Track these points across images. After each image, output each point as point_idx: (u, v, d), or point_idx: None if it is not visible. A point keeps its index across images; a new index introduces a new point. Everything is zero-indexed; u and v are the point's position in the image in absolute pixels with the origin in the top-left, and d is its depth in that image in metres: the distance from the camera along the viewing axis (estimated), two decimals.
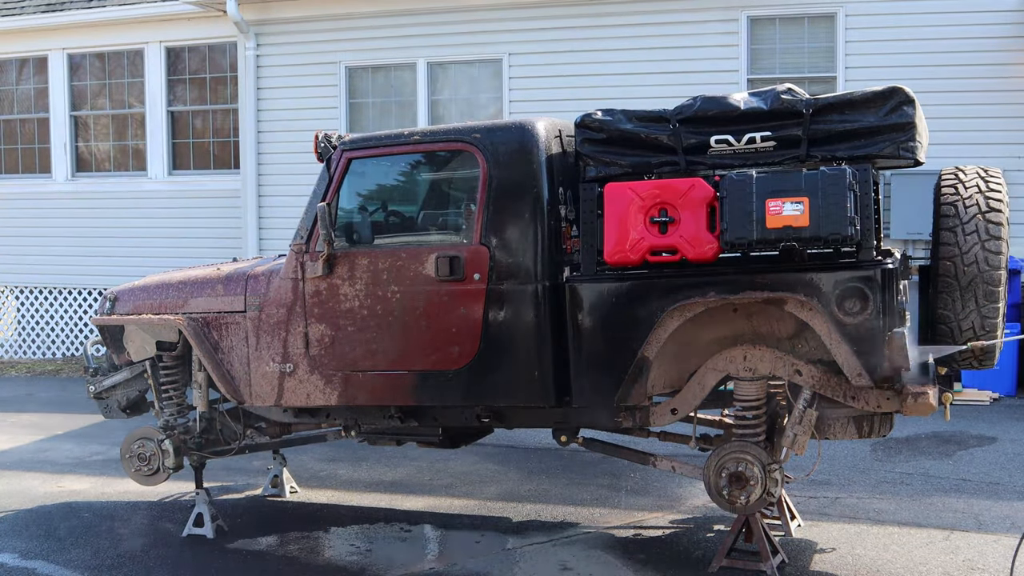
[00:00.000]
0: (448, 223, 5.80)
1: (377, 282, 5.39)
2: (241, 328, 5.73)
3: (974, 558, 5.30)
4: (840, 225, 4.55)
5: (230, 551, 5.83)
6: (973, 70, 9.70)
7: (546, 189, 5.12)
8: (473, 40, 11.17)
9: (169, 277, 6.17)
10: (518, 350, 5.14)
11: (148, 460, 6.10)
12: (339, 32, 11.64)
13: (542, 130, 5.19)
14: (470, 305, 5.20)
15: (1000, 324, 4.88)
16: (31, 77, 13.65)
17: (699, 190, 4.77)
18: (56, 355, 13.45)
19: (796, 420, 4.90)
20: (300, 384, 5.61)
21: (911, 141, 4.72)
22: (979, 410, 8.73)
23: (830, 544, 5.57)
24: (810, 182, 4.60)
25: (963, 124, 9.54)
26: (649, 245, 4.84)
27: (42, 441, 8.83)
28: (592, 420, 5.42)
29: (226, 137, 12.79)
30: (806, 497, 6.33)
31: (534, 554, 5.59)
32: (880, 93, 4.76)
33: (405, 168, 5.91)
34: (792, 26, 10.37)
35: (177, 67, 12.87)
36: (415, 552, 5.75)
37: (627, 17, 10.65)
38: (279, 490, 6.87)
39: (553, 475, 7.08)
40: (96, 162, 13.46)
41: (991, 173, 5.05)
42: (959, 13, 9.79)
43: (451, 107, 11.46)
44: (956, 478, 6.76)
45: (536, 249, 5.11)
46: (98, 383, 6.36)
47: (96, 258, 12.96)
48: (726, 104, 4.91)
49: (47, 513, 6.67)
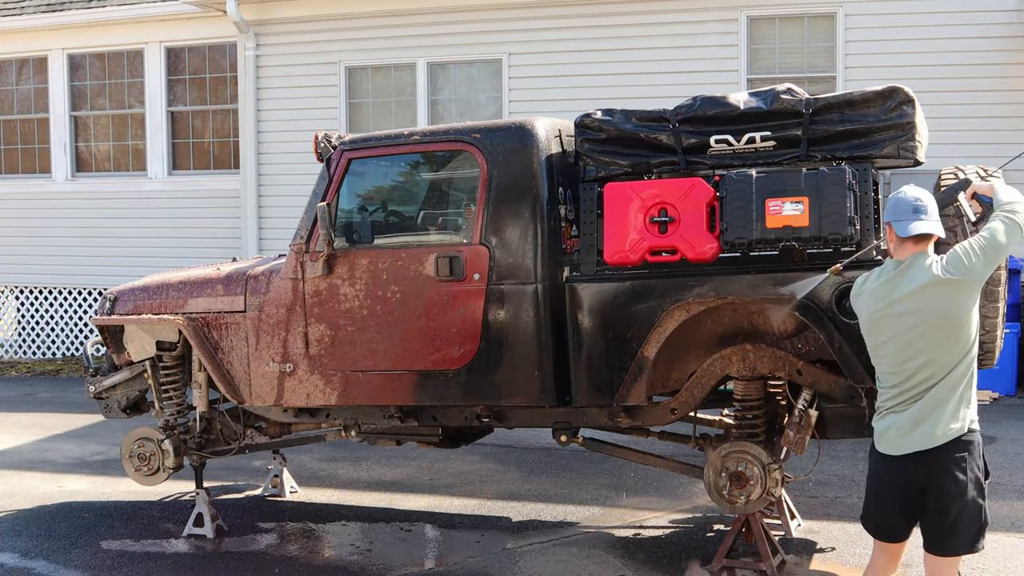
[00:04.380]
0: (448, 223, 5.80)
1: (377, 282, 5.39)
2: (241, 328, 5.73)
3: (974, 557, 5.29)
4: (840, 225, 4.55)
5: (230, 551, 5.83)
6: (973, 70, 9.70)
7: (546, 189, 5.12)
8: (473, 40, 11.17)
9: (169, 277, 6.17)
10: (518, 350, 5.14)
11: (148, 460, 6.11)
12: (339, 32, 11.64)
13: (542, 130, 5.19)
14: (470, 305, 5.20)
15: (1000, 323, 4.88)
16: (31, 77, 13.65)
17: (699, 190, 4.77)
18: (56, 355, 13.45)
19: (796, 420, 4.89)
20: (300, 384, 5.61)
21: (911, 141, 4.73)
22: (979, 410, 8.71)
23: (830, 544, 5.57)
24: (810, 182, 4.60)
25: (963, 124, 9.54)
26: (649, 245, 4.84)
27: (42, 441, 8.84)
28: (592, 420, 5.42)
29: (226, 137, 12.79)
30: (806, 497, 6.33)
31: (534, 554, 5.60)
32: (880, 93, 4.76)
33: (405, 168, 5.91)
34: (792, 26, 10.37)
35: (177, 67, 12.87)
36: (415, 552, 5.75)
37: (627, 17, 10.65)
38: (279, 490, 6.87)
39: (553, 475, 7.08)
40: (96, 162, 13.46)
41: (991, 173, 5.04)
42: (959, 13, 9.79)
43: (451, 107, 11.46)
44: None
45: (536, 249, 5.10)
46: (98, 383, 6.36)
47: (96, 258, 12.95)
48: (726, 104, 4.91)
49: (47, 513, 6.67)
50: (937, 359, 3.65)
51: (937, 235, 3.72)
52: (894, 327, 3.70)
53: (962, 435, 3.67)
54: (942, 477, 3.64)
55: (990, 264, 3.64)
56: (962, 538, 3.69)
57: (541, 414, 5.44)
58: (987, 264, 3.63)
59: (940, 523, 3.68)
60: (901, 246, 3.73)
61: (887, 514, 3.82)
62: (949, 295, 3.62)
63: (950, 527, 3.67)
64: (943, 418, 3.66)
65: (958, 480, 3.64)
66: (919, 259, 3.69)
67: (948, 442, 3.65)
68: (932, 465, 3.66)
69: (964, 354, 3.66)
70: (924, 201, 3.73)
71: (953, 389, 3.67)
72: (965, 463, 3.65)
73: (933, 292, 3.63)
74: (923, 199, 3.73)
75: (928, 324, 3.63)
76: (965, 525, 3.66)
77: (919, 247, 3.71)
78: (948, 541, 3.70)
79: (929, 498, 3.68)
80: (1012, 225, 3.68)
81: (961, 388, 3.68)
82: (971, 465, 3.66)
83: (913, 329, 3.65)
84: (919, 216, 3.69)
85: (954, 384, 3.67)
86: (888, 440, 3.74)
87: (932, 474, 3.66)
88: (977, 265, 3.62)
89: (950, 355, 3.65)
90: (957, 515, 3.65)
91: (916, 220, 3.69)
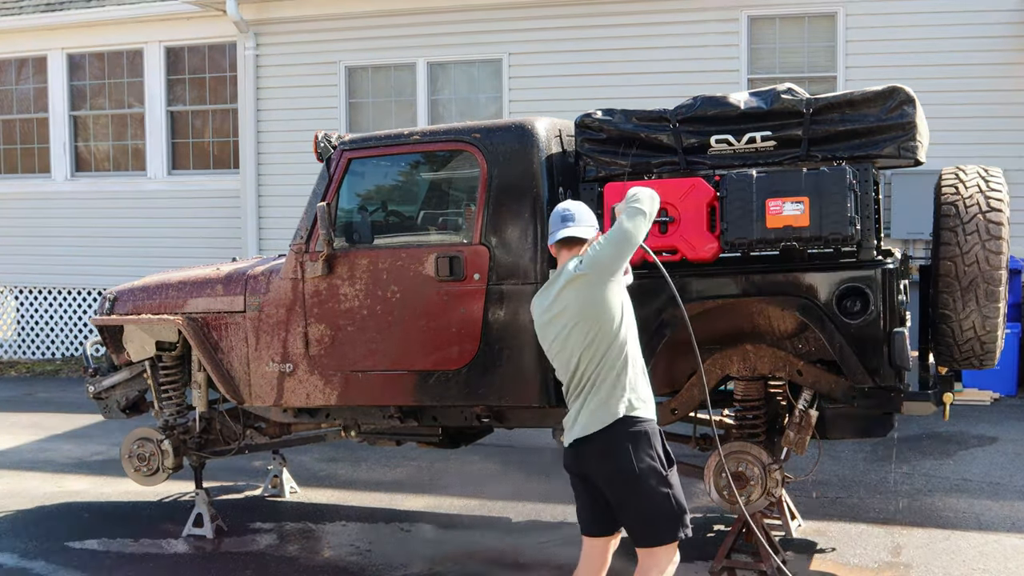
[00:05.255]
0: (448, 223, 5.79)
1: (377, 282, 5.38)
2: (241, 328, 5.73)
3: (975, 558, 5.29)
4: (840, 225, 4.55)
5: (230, 551, 5.83)
6: (973, 70, 9.69)
7: (546, 189, 5.12)
8: (473, 40, 11.16)
9: (168, 277, 6.16)
10: (518, 350, 5.14)
11: (147, 460, 6.10)
12: (339, 32, 11.62)
13: (542, 130, 5.19)
14: (470, 305, 5.19)
15: (1001, 324, 4.87)
16: (30, 77, 13.64)
17: (699, 190, 4.77)
18: (56, 355, 13.44)
19: (796, 420, 4.89)
20: (300, 384, 5.60)
21: (911, 141, 4.72)
22: (979, 410, 8.72)
23: (830, 544, 5.56)
24: (810, 182, 4.60)
25: (963, 124, 9.53)
26: (649, 245, 4.82)
27: (42, 441, 8.83)
28: None
29: (226, 137, 12.78)
30: (806, 497, 6.33)
31: (534, 553, 5.59)
32: (880, 93, 4.76)
33: (405, 168, 5.90)
34: (792, 26, 10.36)
35: (177, 67, 12.86)
36: (415, 552, 5.75)
37: (627, 17, 10.63)
38: (279, 490, 6.86)
39: (553, 475, 7.07)
40: (95, 162, 13.45)
41: (992, 173, 5.04)
42: (959, 13, 9.78)
43: (451, 107, 11.45)
44: (957, 478, 6.76)
45: (536, 249, 5.10)
46: (98, 383, 6.35)
47: (95, 258, 12.94)
48: (726, 104, 4.90)
49: (47, 513, 6.67)
50: (586, 354, 3.77)
51: (585, 237, 3.91)
52: (552, 331, 3.87)
53: (615, 423, 3.74)
54: (597, 464, 3.76)
55: (620, 254, 3.78)
56: (648, 527, 3.76)
57: (541, 414, 5.43)
58: (617, 255, 3.77)
59: (620, 512, 3.79)
60: (559, 255, 3.96)
61: (580, 507, 3.96)
62: (584, 290, 3.77)
63: (632, 516, 3.76)
64: (597, 408, 3.75)
65: (612, 466, 3.72)
66: (568, 263, 3.88)
67: (600, 430, 3.74)
68: (587, 455, 3.78)
69: (610, 346, 3.76)
70: (573, 210, 3.97)
71: (605, 381, 3.76)
72: (621, 449, 3.72)
73: (571, 289, 3.80)
74: (572, 208, 3.98)
75: (572, 321, 3.79)
76: (649, 514, 3.73)
77: (572, 253, 3.91)
78: (635, 531, 3.79)
79: (598, 487, 3.79)
80: (635, 212, 3.81)
81: (612, 378, 3.76)
82: (633, 452, 3.72)
83: (564, 329, 3.82)
84: (566, 224, 3.93)
85: (606, 376, 3.76)
86: (566, 434, 3.89)
87: (589, 462, 3.78)
88: (603, 255, 3.77)
89: (596, 348, 3.76)
90: (628, 502, 3.74)
91: (563, 228, 3.92)
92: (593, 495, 3.87)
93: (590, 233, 3.93)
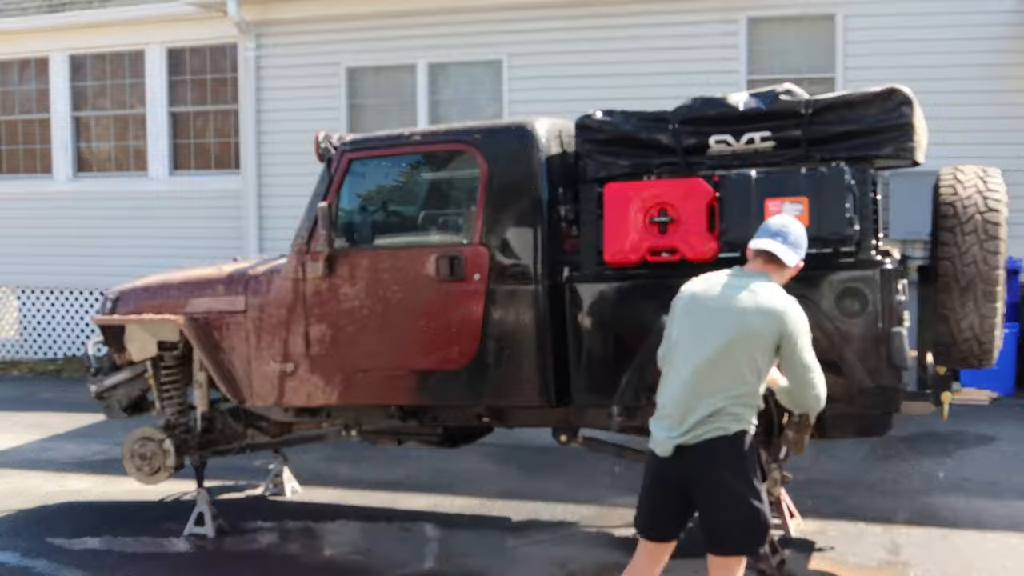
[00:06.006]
0: (448, 223, 5.81)
1: (378, 282, 5.40)
2: (242, 328, 5.74)
3: (973, 557, 5.31)
4: (839, 225, 4.57)
5: (231, 550, 5.84)
6: (973, 70, 9.70)
7: (546, 189, 5.14)
8: (473, 41, 11.17)
9: (170, 277, 6.18)
10: (518, 350, 5.15)
11: (149, 459, 6.11)
12: (340, 33, 11.64)
13: (542, 130, 5.21)
14: (470, 305, 5.21)
15: (999, 323, 4.89)
16: (33, 78, 13.66)
17: (699, 190, 4.79)
18: (57, 355, 13.46)
19: (795, 420, 4.89)
20: (301, 383, 5.62)
21: (910, 141, 4.74)
22: (978, 410, 8.73)
23: (829, 543, 5.58)
24: (809, 182, 4.62)
25: (962, 124, 9.53)
26: (649, 245, 4.85)
27: (44, 441, 8.85)
28: (592, 420, 5.43)
29: (227, 137, 12.80)
30: (806, 497, 6.34)
31: (534, 553, 5.61)
32: (879, 94, 4.78)
33: (405, 168, 5.92)
34: (792, 27, 10.38)
35: (178, 68, 12.88)
36: (416, 551, 5.76)
37: (627, 17, 10.65)
38: (280, 489, 6.88)
39: (553, 475, 7.09)
40: (97, 162, 13.48)
41: (990, 173, 5.05)
42: (959, 14, 9.79)
43: (451, 108, 11.46)
44: (956, 477, 6.77)
45: (536, 249, 5.12)
46: (99, 383, 6.37)
47: (97, 258, 12.96)
48: (725, 105, 4.92)
49: (49, 512, 6.68)
50: (723, 359, 3.70)
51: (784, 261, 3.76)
52: (700, 316, 3.78)
53: (737, 433, 3.71)
54: (707, 471, 3.69)
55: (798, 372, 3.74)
56: (732, 536, 3.71)
57: (541, 414, 5.45)
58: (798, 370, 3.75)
59: (709, 518, 3.72)
60: (753, 260, 3.85)
61: (650, 510, 3.88)
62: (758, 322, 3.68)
63: (721, 523, 3.70)
64: (716, 416, 3.68)
65: (723, 475, 3.67)
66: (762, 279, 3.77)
67: (718, 438, 3.69)
68: (697, 459, 3.70)
69: (748, 364, 3.68)
70: (791, 228, 3.83)
71: (728, 392, 3.69)
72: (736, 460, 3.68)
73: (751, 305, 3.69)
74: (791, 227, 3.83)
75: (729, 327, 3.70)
76: (739, 523, 3.68)
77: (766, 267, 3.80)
78: (716, 537, 3.74)
79: (684, 492, 3.73)
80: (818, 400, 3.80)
81: (735, 390, 3.69)
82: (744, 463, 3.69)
83: (714, 324, 3.73)
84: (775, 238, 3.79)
85: (730, 387, 3.69)
86: (665, 434, 3.78)
87: (697, 467, 3.70)
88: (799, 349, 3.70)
89: (737, 359, 3.69)
90: (721, 509, 3.69)
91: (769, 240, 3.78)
92: (674, 500, 3.79)
93: (792, 261, 3.79)
